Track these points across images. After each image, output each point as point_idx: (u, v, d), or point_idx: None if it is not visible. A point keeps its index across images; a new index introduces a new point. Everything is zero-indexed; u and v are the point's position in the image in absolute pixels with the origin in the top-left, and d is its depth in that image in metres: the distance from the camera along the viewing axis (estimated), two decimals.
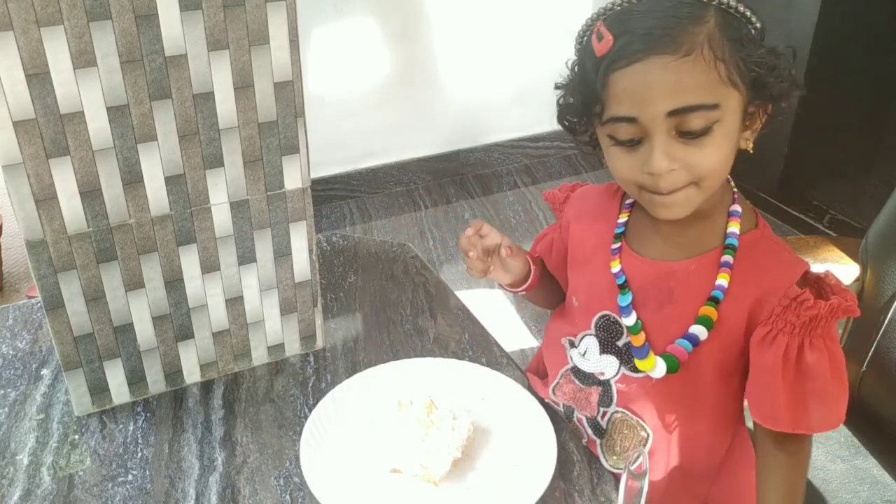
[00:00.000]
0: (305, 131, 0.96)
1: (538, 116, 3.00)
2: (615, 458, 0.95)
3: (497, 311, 2.27)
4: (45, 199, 0.85)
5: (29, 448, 0.95)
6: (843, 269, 1.30)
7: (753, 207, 0.91)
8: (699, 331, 0.86)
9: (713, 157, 0.79)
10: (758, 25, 0.80)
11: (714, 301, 0.85)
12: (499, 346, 1.10)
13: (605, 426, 0.95)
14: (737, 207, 0.88)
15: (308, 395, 1.03)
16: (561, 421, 0.98)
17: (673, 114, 0.77)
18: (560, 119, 0.92)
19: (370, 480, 0.89)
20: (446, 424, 0.90)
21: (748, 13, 0.79)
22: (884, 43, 2.43)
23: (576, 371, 0.97)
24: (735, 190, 0.90)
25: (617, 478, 0.91)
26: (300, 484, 0.90)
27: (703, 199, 0.83)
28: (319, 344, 1.10)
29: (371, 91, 2.69)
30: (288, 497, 0.89)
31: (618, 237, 0.93)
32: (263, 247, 1.00)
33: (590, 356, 0.95)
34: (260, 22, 0.87)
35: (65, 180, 0.85)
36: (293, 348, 1.09)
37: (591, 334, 0.95)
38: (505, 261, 0.99)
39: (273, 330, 1.06)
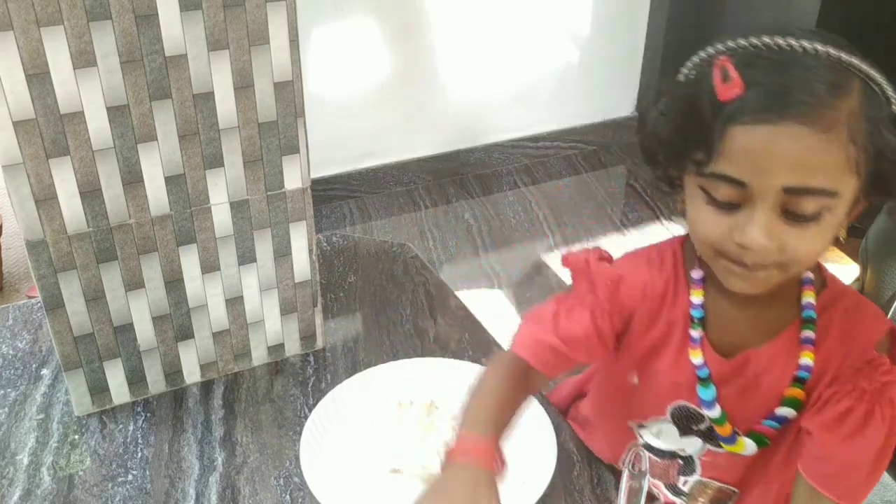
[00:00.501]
0: (305, 131, 0.96)
1: (538, 116, 3.00)
2: None
3: (497, 311, 2.27)
4: (45, 199, 0.85)
5: (29, 448, 0.95)
6: (843, 269, 1.30)
7: (818, 263, 0.82)
8: (786, 412, 0.80)
9: (814, 244, 0.71)
10: None
11: (800, 381, 0.79)
12: (499, 346, 1.10)
13: (686, 490, 0.91)
14: (809, 274, 0.80)
15: (308, 395, 1.03)
16: (561, 421, 0.98)
17: (789, 191, 0.67)
18: (644, 143, 0.81)
19: (370, 480, 0.89)
20: (446, 424, 0.90)
21: (891, 93, 0.70)
22: (884, 43, 2.43)
23: (648, 447, 0.89)
24: None
25: (618, 479, 0.90)
26: (300, 484, 0.90)
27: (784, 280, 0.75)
28: (319, 344, 1.10)
29: (371, 91, 2.69)
30: (288, 497, 0.89)
31: (696, 322, 0.82)
32: (263, 247, 1.00)
33: (666, 438, 0.88)
34: (260, 22, 0.87)
35: (65, 180, 0.85)
36: (293, 348, 1.09)
37: (666, 420, 0.88)
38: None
39: (273, 330, 1.06)
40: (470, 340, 1.11)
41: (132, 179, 0.89)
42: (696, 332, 0.82)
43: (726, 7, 2.81)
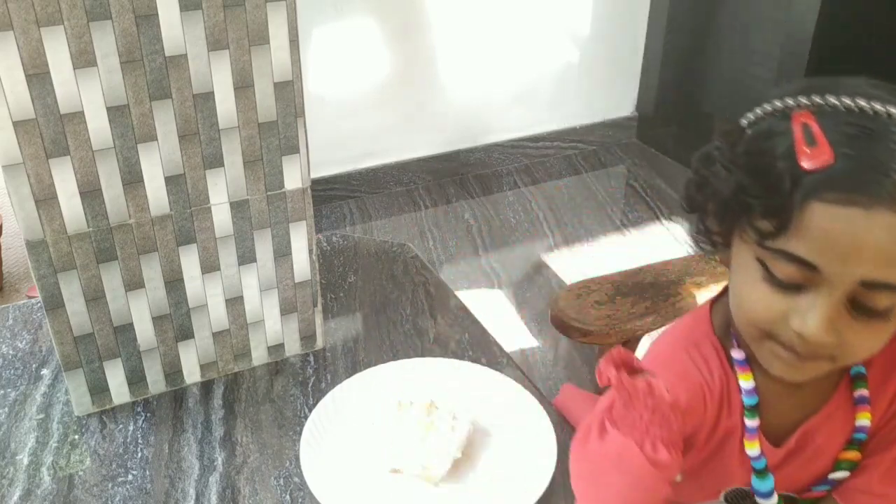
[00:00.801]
0: (305, 131, 0.96)
1: (538, 116, 3.00)
2: None
3: (497, 311, 2.27)
4: (45, 199, 0.85)
5: (29, 448, 0.95)
6: None
7: None
8: (841, 475, 0.74)
9: (874, 342, 0.64)
10: None
11: (856, 444, 0.74)
12: (499, 346, 1.10)
13: None
14: None
15: (308, 395, 1.03)
16: (561, 421, 0.98)
17: (867, 284, 0.59)
18: (691, 193, 0.70)
19: (370, 480, 0.89)
20: (446, 425, 0.90)
21: None
22: (884, 43, 2.43)
23: None
24: None
25: None
26: (300, 484, 0.90)
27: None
28: (319, 344, 1.10)
29: (371, 91, 2.69)
30: (288, 497, 0.89)
31: (749, 410, 0.73)
32: (263, 247, 1.00)
33: None
34: (260, 22, 0.87)
35: (65, 180, 0.85)
36: (293, 348, 1.09)
37: (718, 503, 0.81)
38: None
39: (273, 330, 1.06)
40: (470, 340, 1.11)
41: (132, 179, 0.89)
42: (751, 422, 0.73)
43: (726, 7, 2.81)
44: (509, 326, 2.21)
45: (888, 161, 0.57)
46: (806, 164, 0.58)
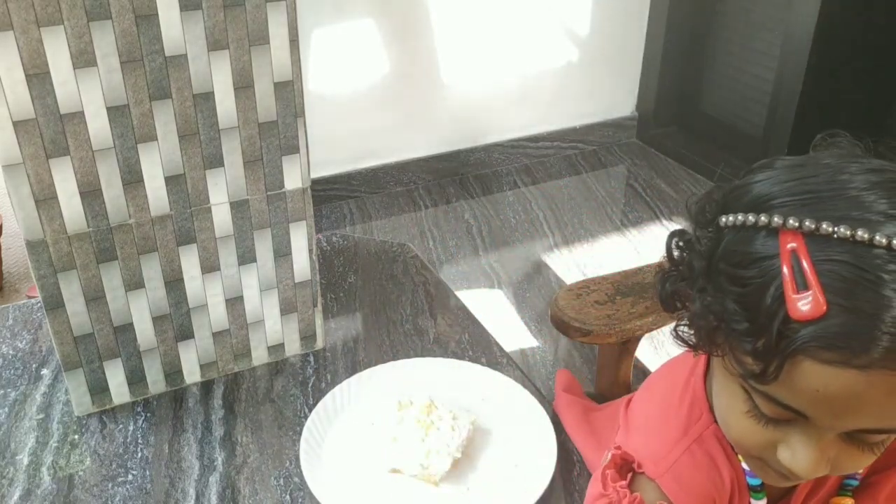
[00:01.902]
0: (305, 131, 0.96)
1: (538, 116, 3.00)
2: None
3: (497, 311, 2.27)
4: (45, 199, 0.85)
5: (29, 448, 0.95)
6: None
7: None
8: None
9: (866, 463, 0.59)
10: None
11: (846, 489, 0.71)
12: (499, 346, 1.10)
13: None
14: None
15: (308, 395, 1.03)
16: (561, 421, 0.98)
17: (862, 431, 0.55)
18: (663, 287, 0.64)
19: (370, 480, 0.89)
20: (446, 424, 0.90)
21: None
22: (884, 43, 2.43)
23: None
24: None
25: None
26: (300, 484, 0.90)
27: None
28: (319, 344, 1.10)
29: (371, 91, 2.69)
30: (288, 497, 0.89)
31: (758, 492, 0.69)
32: (263, 247, 1.00)
33: None
34: (260, 22, 0.87)
35: (65, 180, 0.85)
36: (293, 348, 1.09)
37: None
38: None
39: (273, 330, 1.06)
40: (470, 340, 1.11)
41: (132, 179, 0.89)
42: (761, 502, 0.69)
43: (726, 7, 2.81)
44: (509, 326, 2.21)
45: (884, 313, 0.49)
46: (796, 314, 0.50)
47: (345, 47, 2.58)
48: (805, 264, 0.51)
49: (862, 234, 0.50)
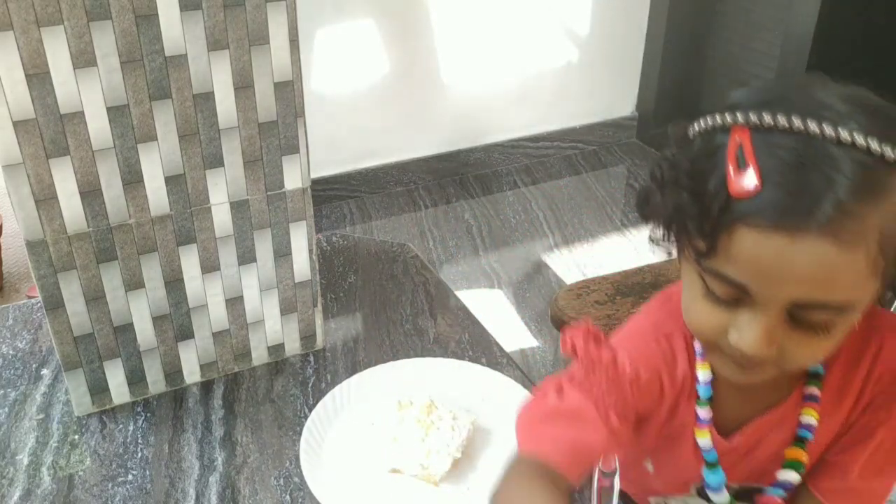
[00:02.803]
0: (305, 131, 0.96)
1: (538, 116, 3.00)
2: None
3: (497, 311, 2.27)
4: (45, 199, 0.85)
5: (29, 448, 0.95)
6: None
7: None
8: (790, 476, 0.75)
9: (818, 352, 0.64)
10: None
11: (801, 441, 0.74)
12: (499, 346, 1.10)
13: None
14: None
15: (308, 395, 1.03)
16: None
17: (798, 304, 0.60)
18: (640, 201, 0.71)
19: (370, 480, 0.89)
20: (446, 424, 0.90)
21: None
22: (884, 43, 2.43)
23: None
24: None
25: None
26: (300, 484, 0.90)
27: None
28: (319, 344, 1.10)
29: (371, 91, 2.69)
30: (288, 497, 0.89)
31: (703, 401, 0.75)
32: (263, 247, 1.00)
33: None
34: (260, 22, 0.87)
35: (65, 180, 0.85)
36: (293, 348, 1.09)
37: (691, 496, 0.83)
38: None
39: (273, 330, 1.06)
40: (470, 340, 1.11)
41: (132, 179, 0.89)
42: (704, 412, 0.75)
43: (726, 7, 2.81)
44: (509, 326, 2.21)
45: (817, 187, 0.56)
46: (734, 190, 0.58)
47: (345, 47, 2.58)
48: (745, 148, 0.58)
49: (799, 123, 0.57)
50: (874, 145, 0.56)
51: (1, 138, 0.81)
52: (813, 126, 0.57)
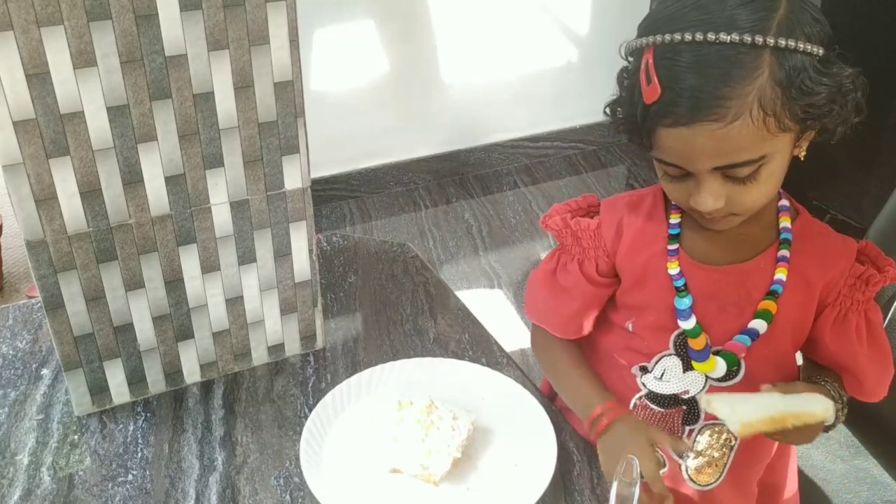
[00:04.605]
0: (305, 131, 0.96)
1: (538, 116, 3.00)
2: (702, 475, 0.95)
3: (497, 311, 2.27)
4: (45, 199, 0.85)
5: (29, 448, 0.95)
6: None
7: (787, 194, 0.90)
8: (758, 325, 0.86)
9: (758, 195, 0.80)
10: (819, 53, 0.76)
11: (773, 295, 0.86)
12: (499, 346, 1.10)
13: (691, 444, 0.94)
14: (785, 202, 0.89)
15: (308, 395, 1.03)
16: (561, 421, 0.98)
17: (719, 168, 0.77)
18: (609, 108, 0.88)
19: (370, 480, 0.89)
20: (446, 424, 0.90)
21: (808, 47, 0.75)
22: (884, 43, 2.43)
23: (652, 396, 0.94)
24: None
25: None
26: (300, 484, 0.90)
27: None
28: (319, 344, 1.10)
29: (371, 91, 2.69)
30: (288, 497, 0.89)
31: (673, 238, 0.90)
32: (263, 247, 1.00)
33: (670, 377, 0.92)
34: (260, 22, 0.87)
35: (65, 180, 0.85)
36: (293, 348, 1.09)
37: (670, 354, 0.92)
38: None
39: (273, 330, 1.06)
40: (470, 340, 1.11)
41: (132, 179, 0.89)
42: (673, 246, 0.89)
43: None
44: (509, 326, 2.21)
45: (704, 85, 0.72)
46: (646, 98, 0.76)
47: (345, 47, 2.58)
48: (650, 65, 0.75)
49: (688, 36, 0.73)
50: (736, 37, 0.71)
51: (1, 138, 0.81)
52: (696, 36, 0.72)
